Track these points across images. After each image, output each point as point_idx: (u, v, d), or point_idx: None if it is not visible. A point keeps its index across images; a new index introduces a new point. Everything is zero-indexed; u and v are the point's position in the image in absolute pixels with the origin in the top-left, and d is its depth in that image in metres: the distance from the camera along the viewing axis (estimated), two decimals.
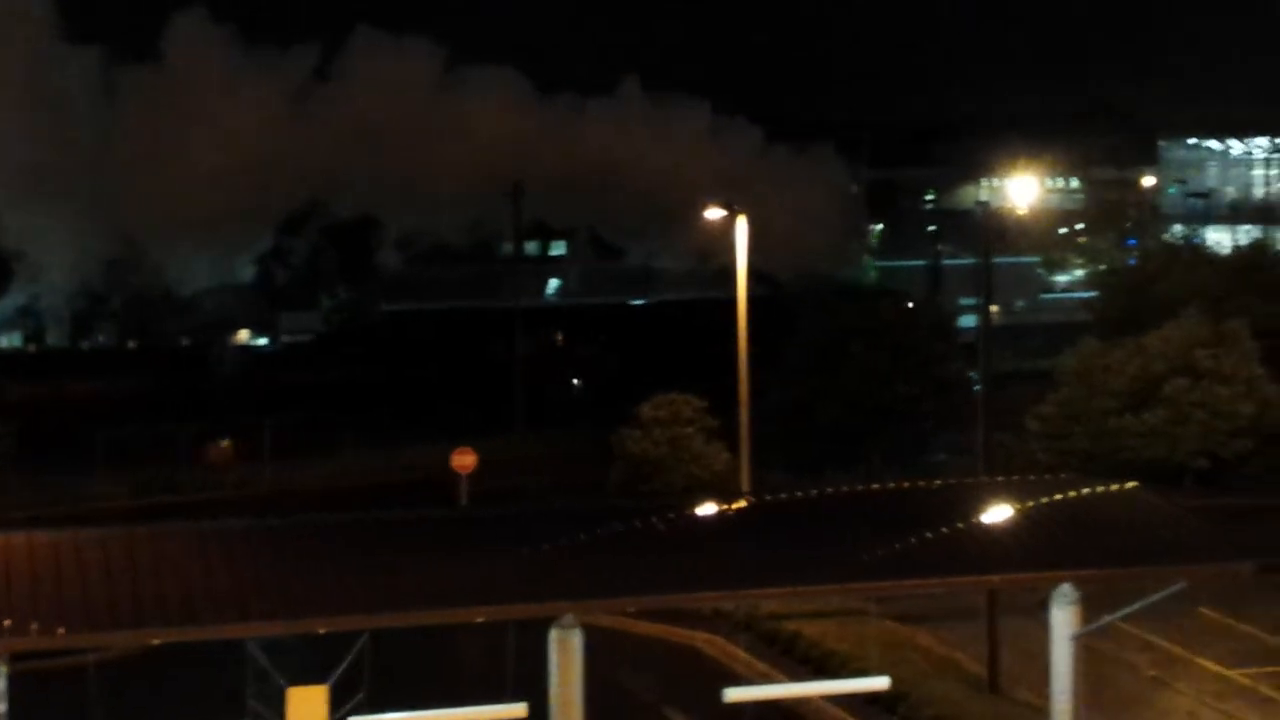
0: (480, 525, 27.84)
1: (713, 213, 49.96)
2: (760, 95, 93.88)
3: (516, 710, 24.86)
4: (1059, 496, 27.33)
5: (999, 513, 26.23)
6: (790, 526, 26.81)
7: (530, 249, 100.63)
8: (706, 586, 25.36)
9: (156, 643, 24.23)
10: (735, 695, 27.28)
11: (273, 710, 24.95)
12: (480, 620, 24.99)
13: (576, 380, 58.38)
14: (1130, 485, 28.23)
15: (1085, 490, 27.75)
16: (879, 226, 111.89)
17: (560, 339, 77.08)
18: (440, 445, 52.66)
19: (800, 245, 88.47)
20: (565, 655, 24.58)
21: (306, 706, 24.61)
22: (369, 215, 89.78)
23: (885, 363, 55.60)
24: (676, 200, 79.70)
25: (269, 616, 23.11)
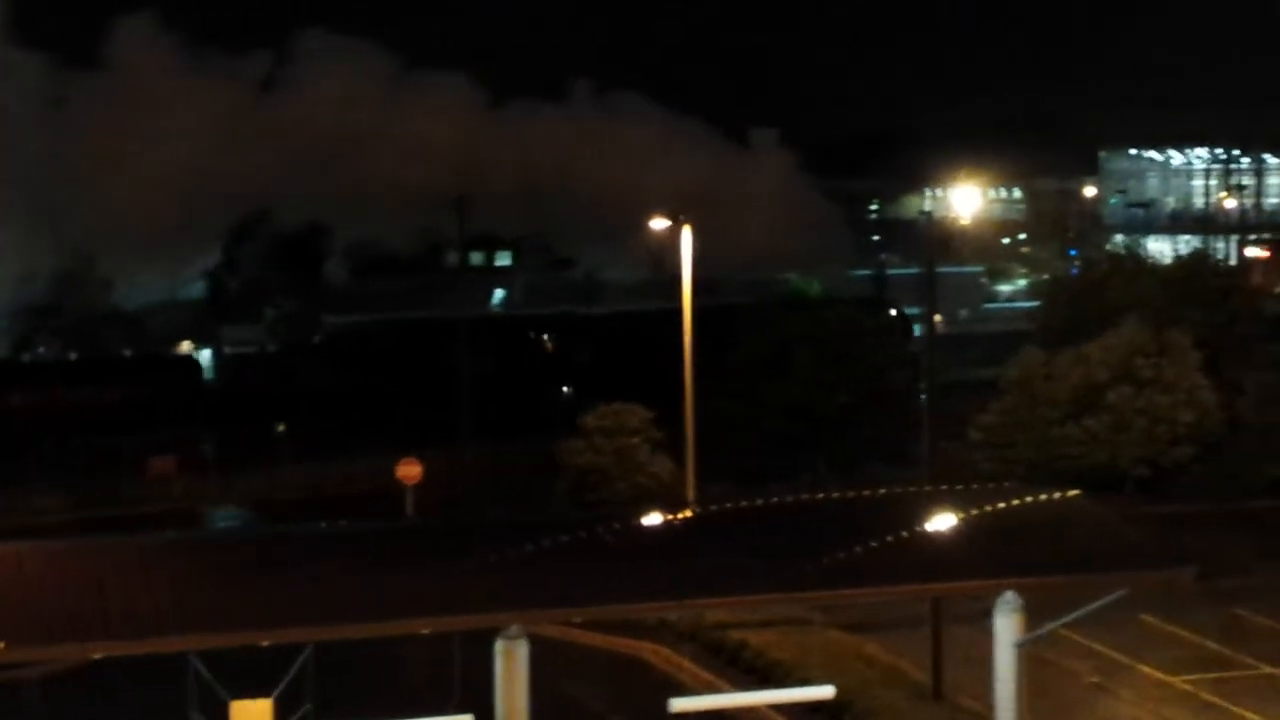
0: (425, 536, 27.78)
1: (659, 223, 50.00)
2: (702, 106, 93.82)
3: None
4: (1002, 505, 27.52)
5: (942, 522, 26.38)
6: (735, 536, 26.88)
7: (476, 259, 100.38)
8: (651, 596, 25.39)
9: (98, 656, 24.04)
10: (681, 705, 27.31)
11: None
12: (425, 631, 24.94)
13: (566, 388, 57.89)
14: (1072, 493, 28.43)
15: (1028, 499, 27.95)
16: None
17: (550, 346, 75.97)
18: (388, 456, 52.44)
19: (786, 250, 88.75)
20: (511, 666, 24.56)
21: None
22: (316, 225, 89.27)
23: (830, 372, 55.78)
24: (628, 209, 79.41)
25: (211, 629, 22.98)
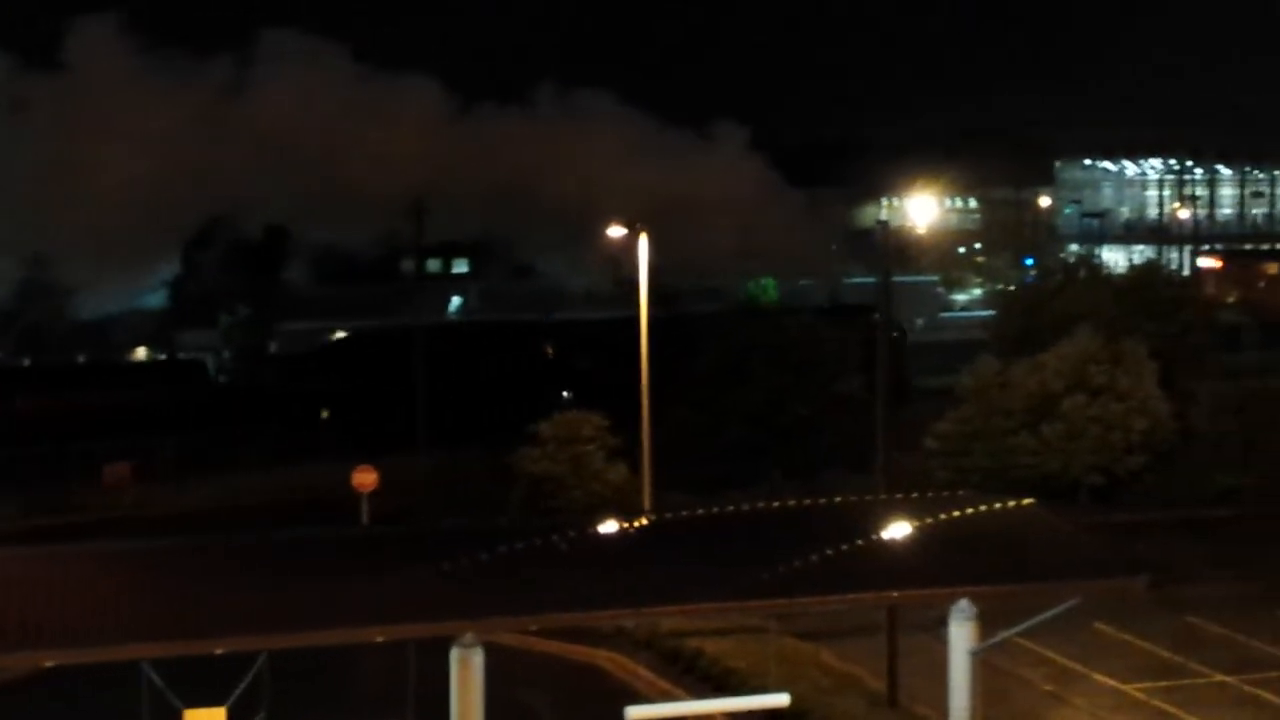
0: (380, 544, 27.72)
1: (615, 230, 50.01)
2: (659, 116, 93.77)
3: None
4: (956, 514, 27.65)
5: (898, 530, 26.49)
6: (691, 545, 26.93)
7: (434, 266, 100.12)
8: (607, 605, 25.39)
9: (50, 665, 23.89)
10: (636, 713, 27.30)
11: None
12: (380, 640, 24.88)
13: (566, 393, 57.57)
14: (1026, 502, 28.60)
15: (982, 507, 28.09)
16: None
17: (550, 351, 75.43)
18: (343, 464, 52.23)
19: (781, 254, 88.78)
20: (466, 674, 24.52)
21: None
22: (277, 229, 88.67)
23: (785, 381, 55.89)
24: (592, 214, 78.89)
25: (164, 638, 22.86)
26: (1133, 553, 39.35)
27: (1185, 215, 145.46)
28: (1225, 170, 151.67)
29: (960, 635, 26.49)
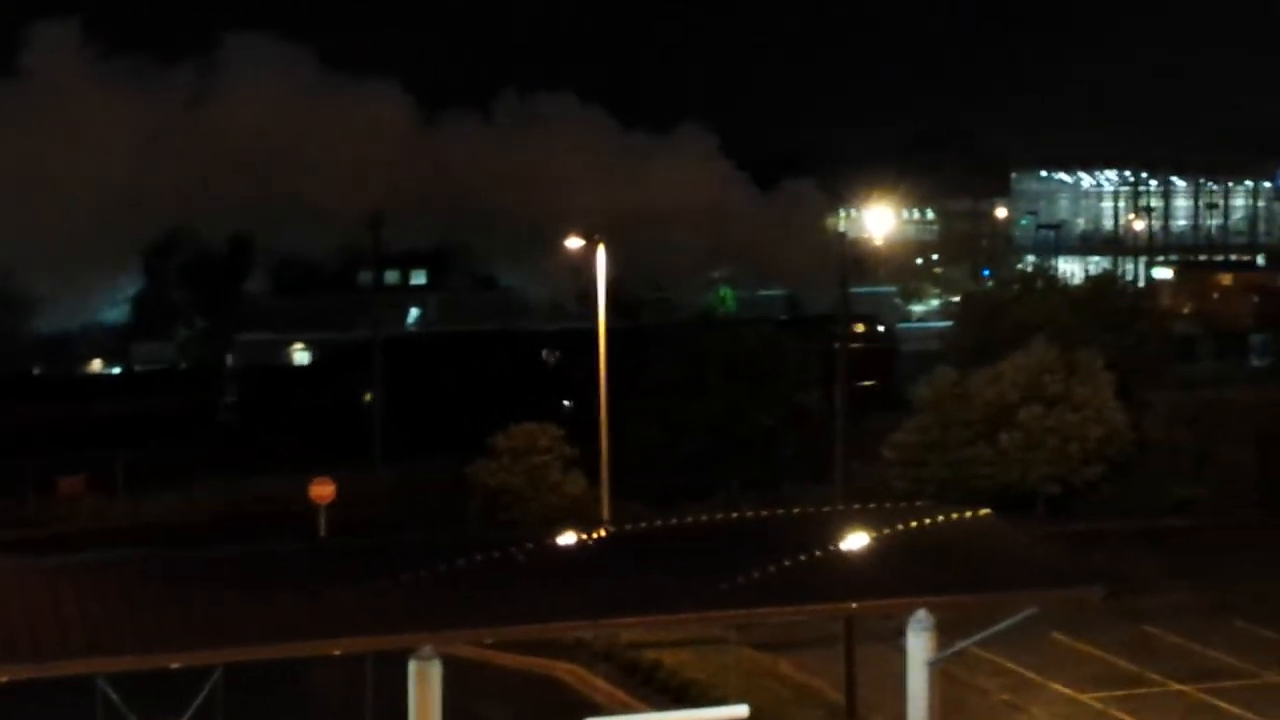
0: (337, 557, 27.59)
1: (573, 241, 50.02)
2: (620, 121, 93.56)
3: None
4: (914, 524, 27.68)
5: (856, 541, 26.51)
6: (649, 556, 26.88)
7: (392, 278, 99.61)
8: (565, 616, 25.32)
9: (3, 680, 23.68)
10: None
11: None
12: (337, 653, 24.75)
13: (567, 402, 57.42)
14: (983, 512, 28.66)
15: (939, 518, 28.12)
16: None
17: (551, 360, 74.90)
18: (302, 476, 51.94)
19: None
20: (424, 687, 24.41)
21: None
22: (240, 239, 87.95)
23: (744, 392, 55.91)
24: (553, 224, 78.37)
25: (118, 651, 22.69)
26: (1089, 563, 39.45)
27: (1140, 227, 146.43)
28: (1180, 182, 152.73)
29: (918, 645, 26.52)
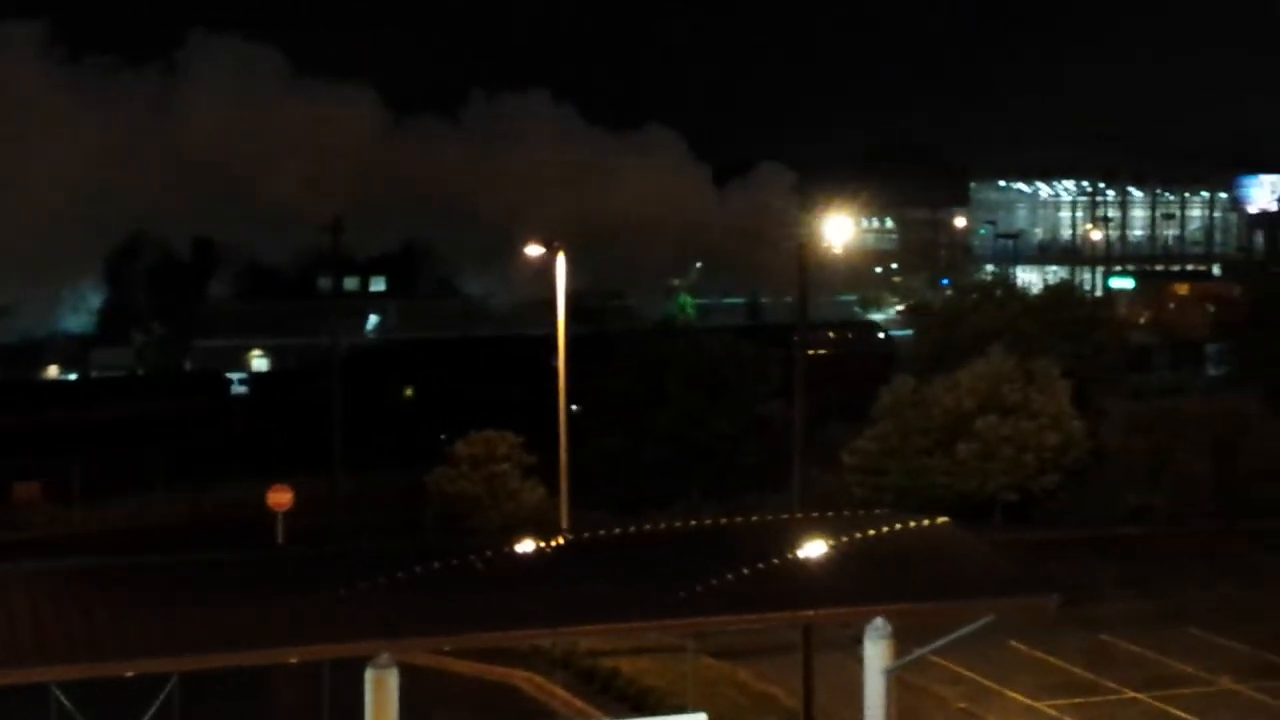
0: (294, 564, 27.50)
1: (533, 249, 49.98)
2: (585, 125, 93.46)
3: None
4: (872, 532, 27.76)
5: (814, 548, 26.56)
6: (607, 564, 26.87)
7: (353, 284, 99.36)
8: (523, 624, 25.29)
9: None
10: None
11: None
12: (294, 661, 24.66)
13: (575, 407, 57.29)
14: (940, 521, 28.75)
15: (897, 526, 28.21)
16: (698, 264, 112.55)
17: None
18: (259, 483, 51.72)
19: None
20: (381, 695, 24.35)
21: None
22: (203, 243, 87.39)
23: (703, 401, 55.92)
24: (520, 229, 77.89)
25: (73, 660, 22.55)
26: (1046, 571, 39.65)
27: (1098, 236, 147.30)
28: (1137, 192, 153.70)
29: (875, 653, 26.60)
